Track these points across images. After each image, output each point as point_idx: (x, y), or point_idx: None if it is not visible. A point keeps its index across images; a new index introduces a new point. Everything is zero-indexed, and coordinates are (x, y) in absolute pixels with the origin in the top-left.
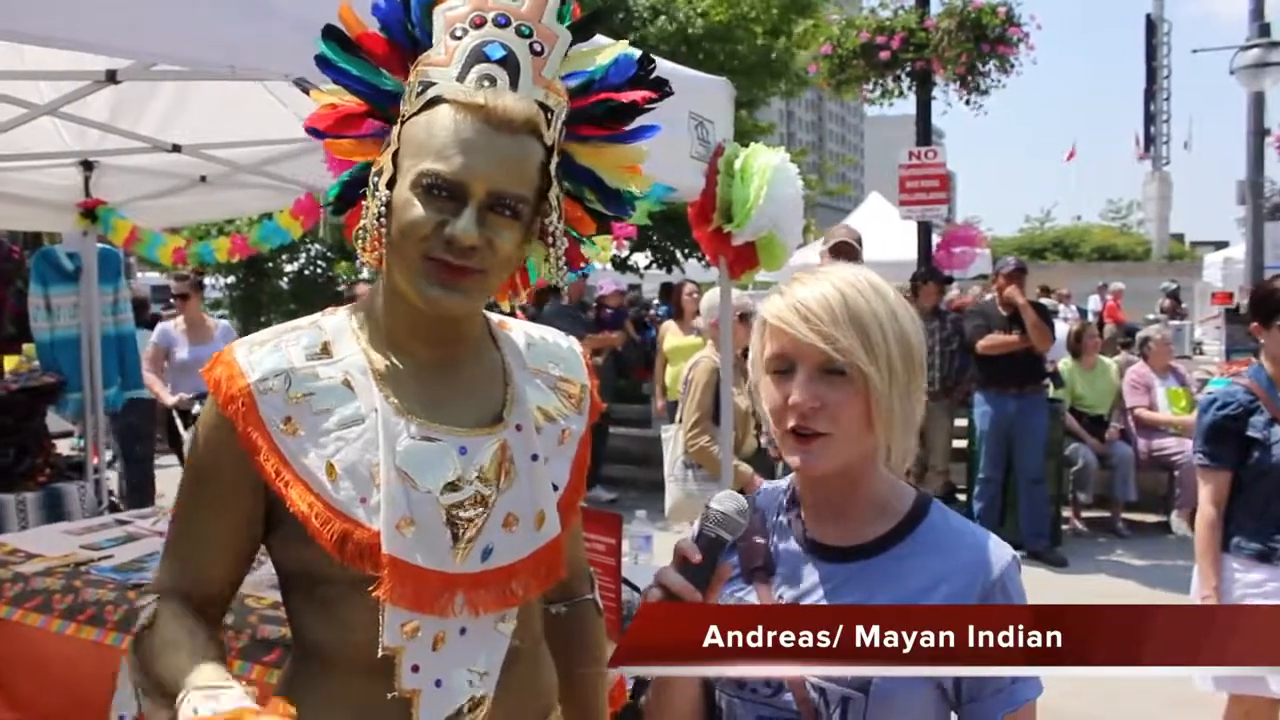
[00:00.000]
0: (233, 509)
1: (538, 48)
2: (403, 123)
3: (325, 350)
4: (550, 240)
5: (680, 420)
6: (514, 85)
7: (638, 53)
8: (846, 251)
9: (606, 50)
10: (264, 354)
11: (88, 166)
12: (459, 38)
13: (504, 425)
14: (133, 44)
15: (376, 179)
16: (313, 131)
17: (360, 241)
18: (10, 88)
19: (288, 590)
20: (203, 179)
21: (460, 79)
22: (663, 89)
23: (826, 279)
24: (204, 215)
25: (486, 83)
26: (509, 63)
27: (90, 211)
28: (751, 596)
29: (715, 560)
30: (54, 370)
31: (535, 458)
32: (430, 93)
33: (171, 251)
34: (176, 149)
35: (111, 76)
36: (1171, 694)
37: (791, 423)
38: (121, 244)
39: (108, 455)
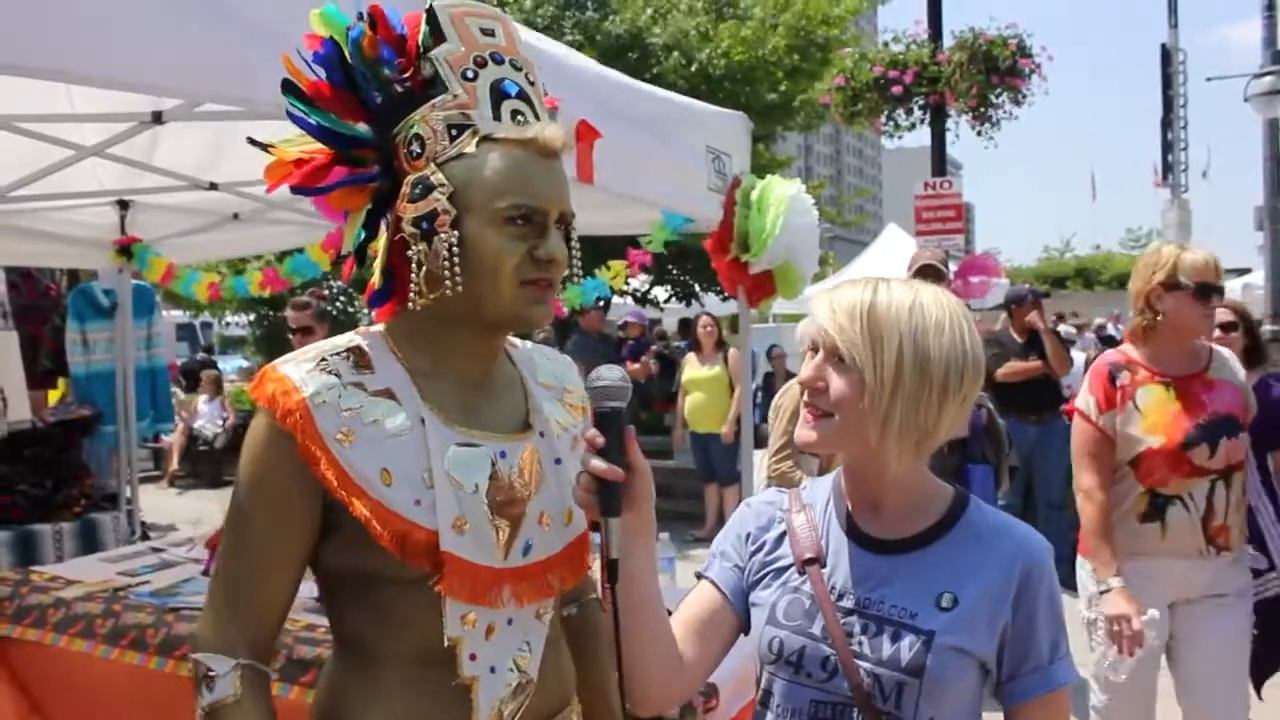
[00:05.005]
0: (293, 524)
1: (531, 79)
2: (439, 164)
3: (368, 365)
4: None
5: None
6: (536, 116)
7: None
8: (932, 274)
9: None
10: (313, 369)
11: (123, 205)
12: (472, 79)
13: (533, 431)
14: (183, 84)
15: (426, 224)
16: (299, 190)
17: (418, 285)
18: (57, 130)
19: (335, 594)
20: (235, 216)
21: (497, 118)
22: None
23: (874, 286)
24: (235, 251)
25: (520, 118)
26: (524, 96)
27: (126, 249)
28: (806, 586)
29: (620, 431)
30: (89, 403)
31: (559, 461)
32: (470, 134)
33: (206, 287)
34: (213, 187)
35: (157, 118)
36: None
37: (805, 398)
38: (158, 280)
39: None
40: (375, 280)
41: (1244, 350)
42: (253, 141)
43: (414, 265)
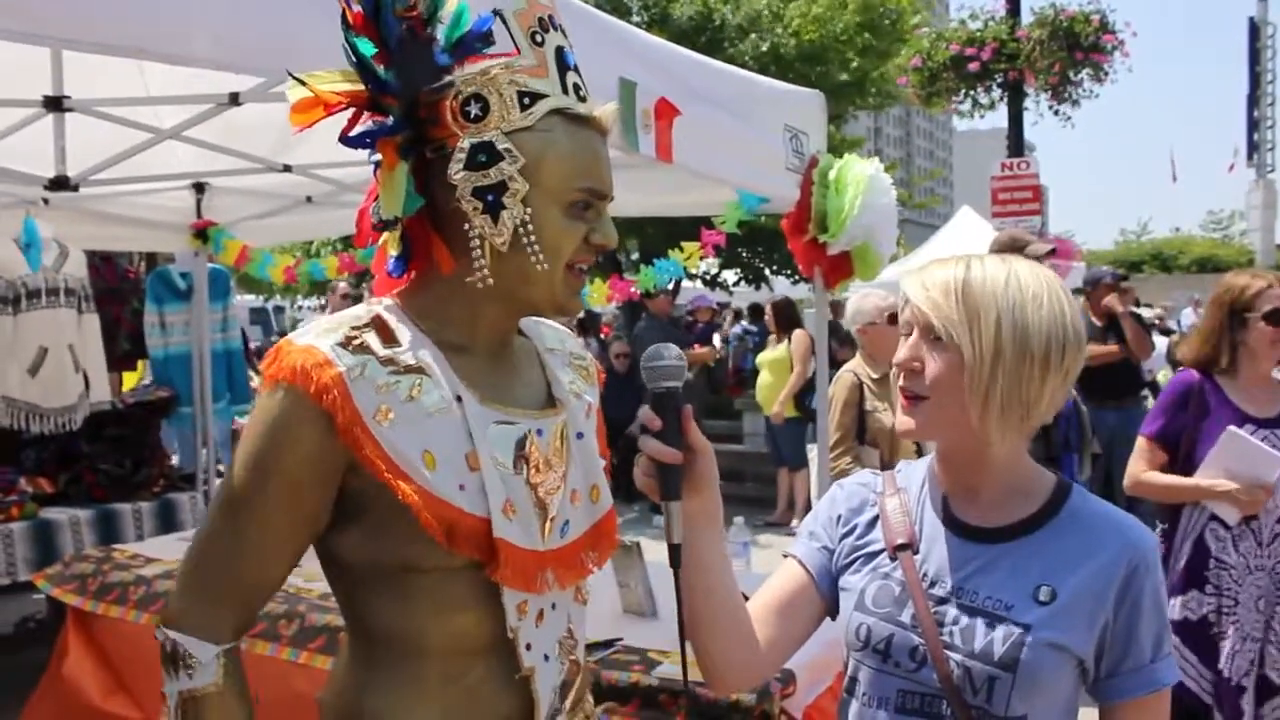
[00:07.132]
0: (305, 509)
1: (571, 44)
2: (505, 133)
3: (393, 338)
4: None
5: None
6: (587, 89)
7: None
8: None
9: None
10: (342, 341)
11: (199, 189)
12: (540, 44)
13: (561, 405)
14: (261, 63)
15: (492, 196)
16: (349, 141)
17: (482, 261)
18: (135, 114)
19: (358, 586)
20: (308, 199)
21: (564, 90)
22: None
23: (968, 262)
24: (307, 234)
25: (579, 91)
26: (577, 69)
27: (202, 232)
28: (898, 573)
29: (676, 412)
30: (167, 385)
31: (580, 435)
32: (543, 105)
33: (282, 270)
34: (287, 169)
35: (234, 99)
36: None
37: (900, 381)
38: (232, 263)
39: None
40: (393, 247)
41: None
42: (292, 75)
43: (476, 239)
